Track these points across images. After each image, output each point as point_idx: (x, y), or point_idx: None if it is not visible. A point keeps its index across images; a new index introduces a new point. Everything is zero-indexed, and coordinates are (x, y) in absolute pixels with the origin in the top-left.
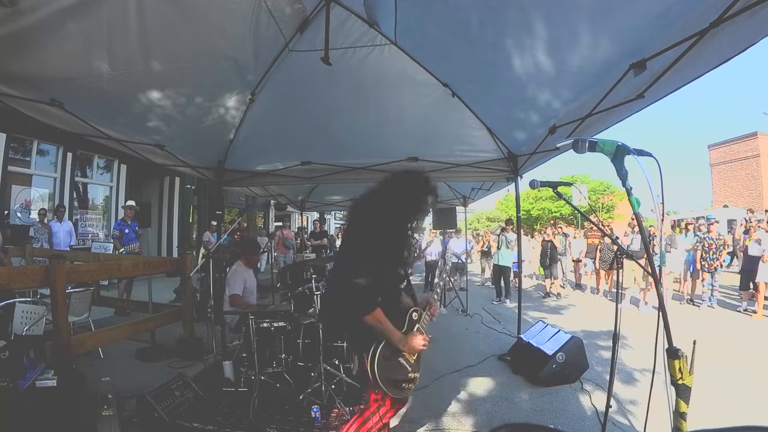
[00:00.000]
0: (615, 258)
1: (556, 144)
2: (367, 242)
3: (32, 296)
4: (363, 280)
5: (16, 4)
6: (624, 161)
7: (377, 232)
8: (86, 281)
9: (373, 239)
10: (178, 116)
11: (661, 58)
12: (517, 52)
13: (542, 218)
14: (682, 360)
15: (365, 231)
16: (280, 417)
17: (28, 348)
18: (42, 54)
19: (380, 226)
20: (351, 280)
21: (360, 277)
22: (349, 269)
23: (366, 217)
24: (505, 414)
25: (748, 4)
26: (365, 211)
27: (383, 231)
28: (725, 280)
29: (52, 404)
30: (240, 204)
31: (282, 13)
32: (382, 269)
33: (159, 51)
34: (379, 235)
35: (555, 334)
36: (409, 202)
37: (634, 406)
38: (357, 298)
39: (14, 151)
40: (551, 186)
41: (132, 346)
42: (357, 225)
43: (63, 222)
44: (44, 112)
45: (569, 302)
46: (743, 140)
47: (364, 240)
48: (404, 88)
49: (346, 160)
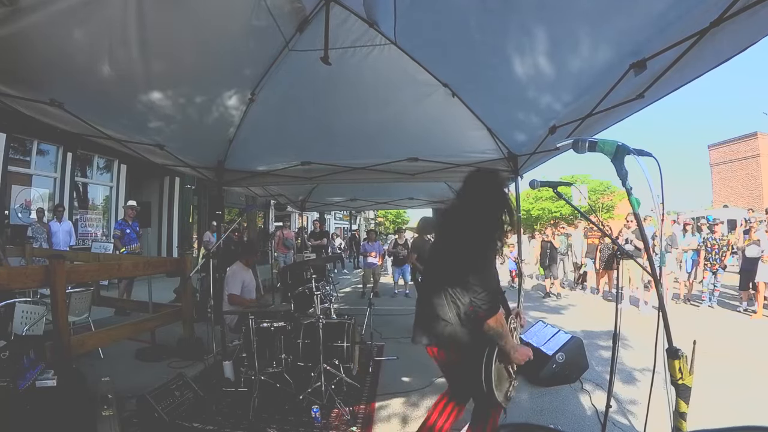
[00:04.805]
0: (613, 257)
1: (556, 144)
2: (473, 245)
3: (32, 296)
4: (481, 281)
5: (16, 4)
6: (624, 161)
7: (479, 234)
8: (86, 281)
9: (477, 240)
10: (178, 116)
11: (661, 58)
12: (517, 53)
13: (542, 218)
14: (682, 360)
15: (467, 234)
16: (280, 417)
17: (28, 348)
18: (42, 54)
19: (479, 227)
20: (468, 283)
21: (478, 280)
22: (461, 273)
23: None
24: (505, 414)
25: (748, 3)
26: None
27: (483, 232)
28: (725, 280)
29: (52, 404)
30: (240, 204)
31: (281, 11)
32: (491, 270)
33: (158, 50)
34: (481, 236)
35: (555, 334)
36: (495, 200)
37: (634, 406)
38: (481, 300)
39: (14, 151)
40: (551, 186)
41: (132, 346)
42: (454, 229)
43: (62, 222)
44: (44, 112)
45: (569, 302)
46: (743, 140)
47: (469, 243)
48: (404, 88)
49: (346, 160)
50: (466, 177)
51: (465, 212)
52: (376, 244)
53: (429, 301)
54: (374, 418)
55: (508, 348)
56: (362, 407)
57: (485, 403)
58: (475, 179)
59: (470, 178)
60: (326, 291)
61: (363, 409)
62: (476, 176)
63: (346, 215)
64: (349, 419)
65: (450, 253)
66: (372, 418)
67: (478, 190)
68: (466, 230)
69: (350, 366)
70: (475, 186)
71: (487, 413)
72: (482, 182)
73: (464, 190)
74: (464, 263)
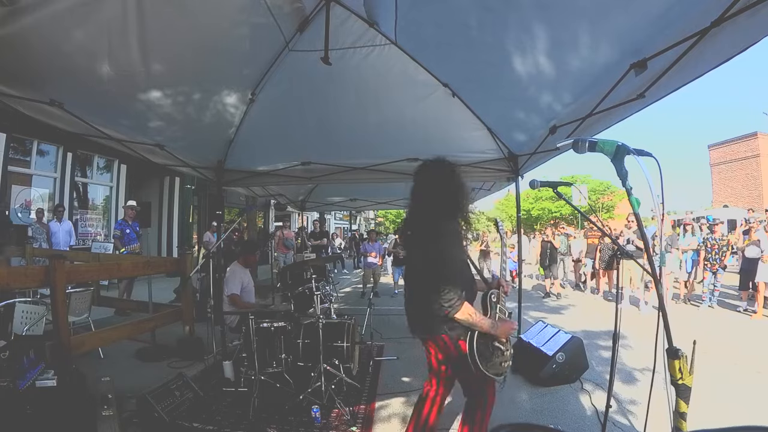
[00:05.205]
0: (613, 257)
1: (556, 144)
2: (432, 248)
3: (32, 296)
4: (445, 281)
5: (16, 4)
6: (624, 161)
7: (436, 235)
8: (86, 281)
9: (435, 243)
10: (178, 116)
11: (662, 58)
12: (517, 53)
13: (542, 218)
14: (682, 360)
15: (426, 233)
16: (280, 417)
17: (28, 348)
18: (42, 54)
19: (436, 224)
20: (433, 285)
21: (441, 280)
22: (425, 277)
23: (419, 222)
24: (505, 414)
25: (749, 3)
26: (416, 217)
27: (440, 230)
28: (725, 280)
29: (52, 404)
30: (240, 204)
31: (281, 11)
32: (456, 263)
33: (159, 50)
34: (439, 237)
35: (555, 334)
36: (447, 190)
37: (634, 406)
38: (445, 300)
39: (14, 151)
40: (551, 186)
41: (132, 346)
42: (414, 233)
43: (62, 222)
44: (44, 112)
45: (569, 302)
46: (743, 140)
47: (429, 242)
48: (404, 88)
49: (346, 160)
50: (414, 175)
51: (420, 212)
52: (376, 244)
53: (410, 299)
54: (374, 418)
55: (485, 330)
56: (362, 407)
57: (478, 379)
58: (420, 174)
59: (416, 174)
60: (326, 291)
61: (363, 409)
62: (421, 170)
63: (346, 215)
64: (349, 419)
65: (414, 258)
66: (372, 418)
67: (426, 183)
68: (424, 233)
69: (350, 366)
70: (422, 180)
71: (482, 390)
72: (428, 174)
73: (414, 189)
74: (427, 268)
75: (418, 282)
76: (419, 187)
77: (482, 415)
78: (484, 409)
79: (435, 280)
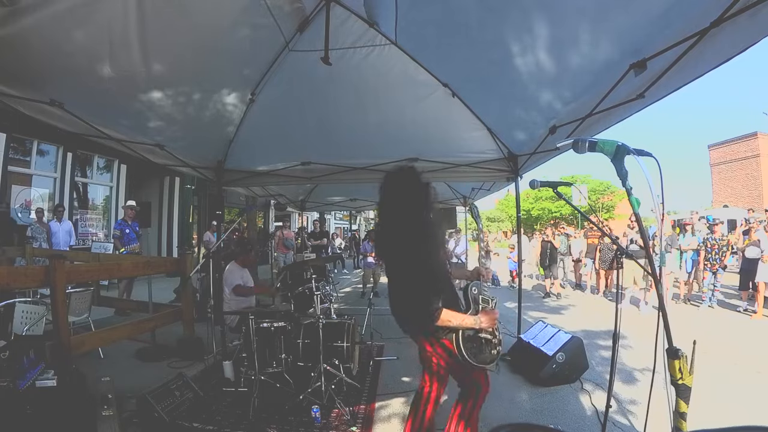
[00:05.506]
0: (615, 258)
1: (556, 144)
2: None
3: (32, 296)
4: (421, 290)
5: (16, 4)
6: (624, 161)
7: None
8: (86, 281)
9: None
10: (178, 116)
11: (662, 58)
12: (517, 53)
13: (542, 218)
14: (682, 360)
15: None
16: (280, 417)
17: (28, 348)
18: (42, 54)
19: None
20: (410, 296)
21: (418, 290)
22: (402, 289)
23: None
24: (505, 414)
25: (748, 3)
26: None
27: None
28: (725, 280)
29: (52, 404)
30: (240, 204)
31: (281, 12)
32: (431, 270)
33: (159, 50)
34: (410, 242)
35: (555, 334)
36: (412, 197)
37: (634, 406)
38: (422, 310)
39: (14, 151)
40: (551, 186)
41: (132, 346)
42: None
43: (62, 222)
44: (44, 112)
45: (569, 302)
46: (743, 140)
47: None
48: (404, 88)
49: (346, 160)
50: (379, 187)
51: (391, 225)
52: None
53: (392, 303)
54: (374, 418)
55: (470, 327)
56: (362, 407)
57: (470, 372)
58: (387, 184)
59: (382, 185)
60: (326, 291)
61: (363, 409)
62: (386, 181)
63: (346, 215)
64: (349, 419)
65: (390, 266)
66: (372, 418)
67: (393, 193)
68: (396, 246)
69: (350, 366)
70: (389, 191)
71: (475, 381)
72: (393, 185)
73: (381, 200)
74: (403, 277)
75: (396, 289)
76: (386, 194)
77: (474, 402)
78: (476, 398)
79: (412, 289)
